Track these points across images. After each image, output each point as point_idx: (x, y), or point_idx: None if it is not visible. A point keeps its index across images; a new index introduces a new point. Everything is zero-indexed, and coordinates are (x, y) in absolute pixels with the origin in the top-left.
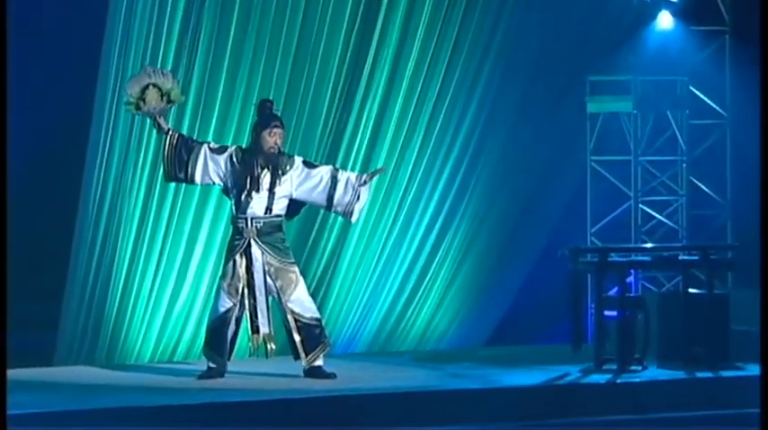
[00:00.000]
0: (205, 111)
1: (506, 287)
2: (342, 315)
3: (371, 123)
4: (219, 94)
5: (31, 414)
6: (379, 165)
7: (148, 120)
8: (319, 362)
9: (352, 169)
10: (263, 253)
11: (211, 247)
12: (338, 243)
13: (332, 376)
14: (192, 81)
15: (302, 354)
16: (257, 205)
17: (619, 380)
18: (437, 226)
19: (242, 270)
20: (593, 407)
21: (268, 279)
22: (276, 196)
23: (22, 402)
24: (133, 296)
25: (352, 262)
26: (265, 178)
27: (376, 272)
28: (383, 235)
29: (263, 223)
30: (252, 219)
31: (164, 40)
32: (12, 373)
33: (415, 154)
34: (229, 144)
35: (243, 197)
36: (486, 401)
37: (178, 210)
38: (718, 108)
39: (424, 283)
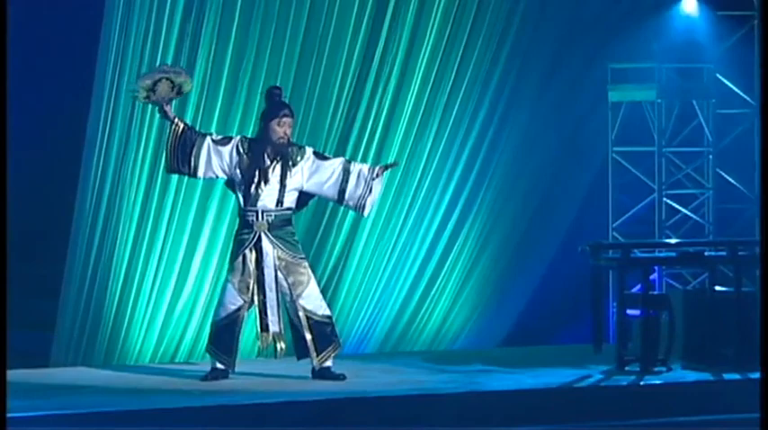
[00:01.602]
0: (208, 102)
1: (523, 284)
2: (352, 314)
3: (383, 113)
4: (223, 83)
5: (31, 417)
6: (391, 158)
7: (148, 111)
8: (329, 363)
9: (363, 162)
10: (274, 247)
11: (215, 243)
12: (348, 238)
13: (341, 377)
14: (194, 69)
15: (313, 354)
16: (268, 198)
17: (642, 382)
18: (451, 220)
19: (252, 265)
20: (614, 410)
21: (279, 275)
22: (287, 188)
23: (20, 405)
24: (133, 294)
25: (363, 258)
26: (275, 170)
27: (388, 269)
28: (395, 230)
29: (275, 216)
30: (263, 212)
31: (165, 27)
32: (8, 375)
33: (428, 145)
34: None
35: (252, 189)
36: (502, 404)
37: (180, 203)
38: (746, 97)
39: (438, 281)
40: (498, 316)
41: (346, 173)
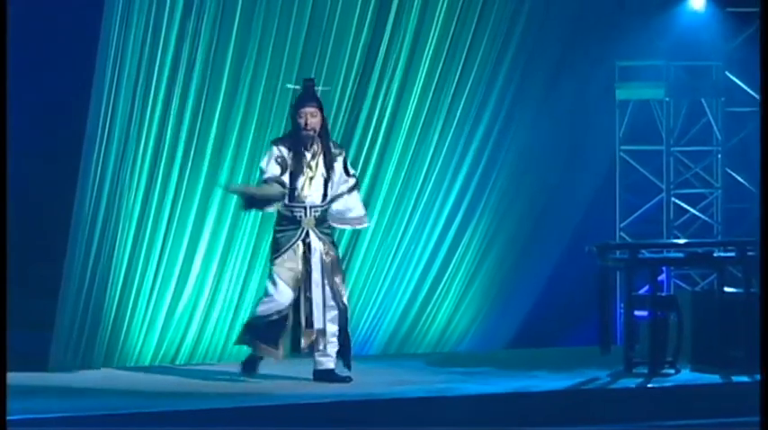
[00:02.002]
0: (208, 100)
1: (530, 285)
2: (355, 315)
3: (387, 113)
4: (224, 81)
5: (30, 419)
6: (395, 157)
7: (148, 110)
8: (332, 365)
9: (366, 163)
10: (322, 244)
11: (216, 243)
12: (351, 239)
13: (347, 380)
14: (194, 67)
15: (337, 351)
16: (315, 193)
17: (650, 385)
18: (456, 221)
19: (301, 262)
20: (622, 413)
21: (326, 272)
22: (329, 182)
23: (18, 407)
24: (133, 294)
25: (366, 259)
26: (318, 164)
27: (391, 270)
28: (399, 231)
29: (320, 212)
30: (311, 208)
31: (165, 24)
32: (7, 377)
33: (432, 145)
34: (234, 136)
35: (299, 185)
36: (508, 407)
37: (180, 203)
38: (755, 94)
39: (443, 282)
40: (504, 317)
41: (346, 193)
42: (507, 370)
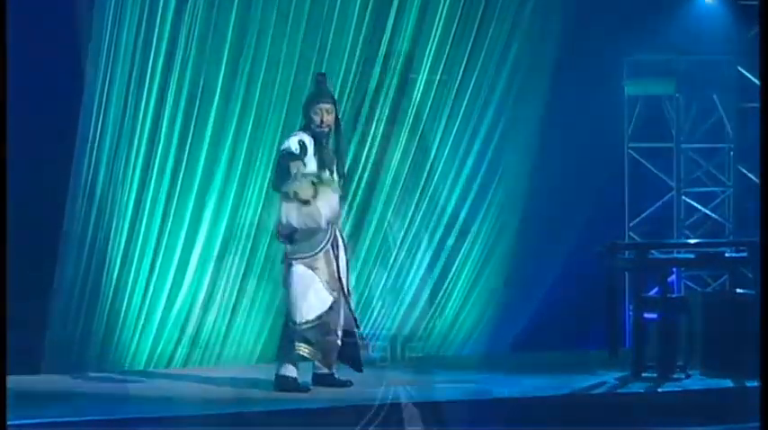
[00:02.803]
0: (205, 93)
1: (535, 287)
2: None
3: (388, 108)
4: (222, 73)
5: (29, 424)
6: (397, 155)
7: (142, 106)
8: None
9: (367, 159)
10: (344, 245)
11: (213, 242)
12: (352, 239)
13: (347, 384)
14: (190, 58)
15: (336, 359)
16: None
17: (660, 389)
18: (459, 220)
19: (334, 262)
20: (630, 418)
21: (348, 273)
22: (346, 180)
23: (14, 412)
24: (126, 296)
25: (368, 260)
26: (332, 159)
27: (393, 271)
28: (401, 230)
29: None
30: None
31: (160, 12)
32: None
33: (436, 144)
34: (231, 131)
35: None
36: (512, 411)
37: (175, 201)
38: None
39: (446, 283)
40: (509, 319)
41: None
42: (512, 373)
